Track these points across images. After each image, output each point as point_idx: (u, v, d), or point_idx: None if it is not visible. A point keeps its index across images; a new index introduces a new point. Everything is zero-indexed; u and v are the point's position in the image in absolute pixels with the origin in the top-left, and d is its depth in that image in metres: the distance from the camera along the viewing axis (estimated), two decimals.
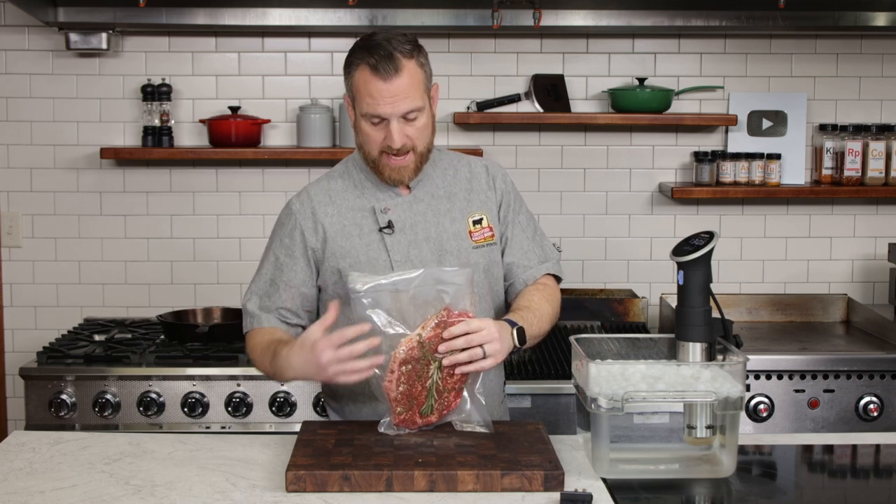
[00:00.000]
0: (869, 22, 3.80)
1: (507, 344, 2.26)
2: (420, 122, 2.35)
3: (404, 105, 2.31)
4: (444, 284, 2.21)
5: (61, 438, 2.36)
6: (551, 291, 2.52)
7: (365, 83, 2.31)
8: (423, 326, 2.18)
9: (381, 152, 2.36)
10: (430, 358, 2.19)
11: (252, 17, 3.76)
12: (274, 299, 2.42)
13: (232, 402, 3.28)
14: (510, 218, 2.53)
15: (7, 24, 3.84)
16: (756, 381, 3.34)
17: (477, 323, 2.19)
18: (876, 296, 4.04)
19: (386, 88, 2.30)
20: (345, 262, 2.40)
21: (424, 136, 2.38)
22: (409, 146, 2.35)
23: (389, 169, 2.38)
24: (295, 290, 2.42)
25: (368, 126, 2.35)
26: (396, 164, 2.37)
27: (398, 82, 2.30)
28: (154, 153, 3.78)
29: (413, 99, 2.32)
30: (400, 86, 2.30)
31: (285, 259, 2.43)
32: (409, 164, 2.38)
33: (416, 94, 2.32)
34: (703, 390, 2.11)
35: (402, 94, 2.30)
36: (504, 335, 2.25)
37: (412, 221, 2.43)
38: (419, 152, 2.38)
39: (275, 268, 2.44)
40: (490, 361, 2.21)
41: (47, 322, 3.93)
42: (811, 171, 3.99)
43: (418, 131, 2.35)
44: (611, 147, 3.97)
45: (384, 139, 2.34)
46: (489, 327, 2.20)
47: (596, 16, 3.78)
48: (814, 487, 2.24)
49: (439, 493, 2.02)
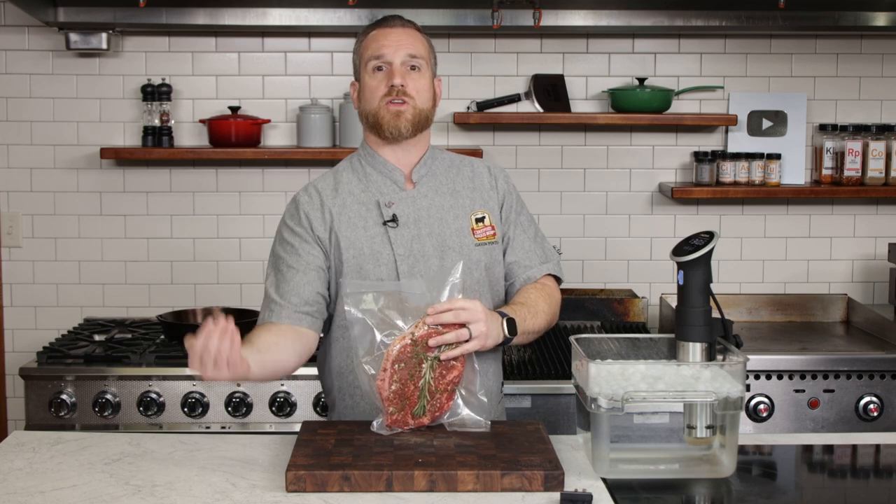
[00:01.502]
0: (869, 22, 3.80)
1: (494, 330, 2.28)
2: (421, 79, 2.44)
3: (407, 49, 2.42)
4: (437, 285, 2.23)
5: (61, 438, 2.36)
6: (550, 291, 2.53)
7: (373, 36, 2.46)
8: (416, 325, 2.20)
9: (381, 100, 2.41)
10: (422, 357, 2.19)
11: (252, 17, 3.76)
12: (293, 283, 2.39)
13: (232, 402, 3.28)
14: (512, 218, 2.54)
15: (7, 24, 3.84)
16: (756, 381, 3.34)
17: (462, 301, 2.21)
18: (876, 296, 4.04)
19: (391, 33, 2.44)
20: (349, 253, 2.41)
21: (424, 94, 2.44)
22: (410, 94, 2.41)
23: (389, 114, 2.41)
24: (313, 273, 2.40)
25: (371, 77, 2.44)
26: (395, 108, 2.41)
27: (404, 31, 2.45)
28: (154, 153, 3.78)
29: (416, 47, 2.44)
30: (405, 34, 2.45)
31: (300, 243, 2.43)
32: (407, 112, 2.42)
33: (420, 48, 2.45)
34: (703, 390, 2.11)
35: (406, 40, 2.43)
36: (492, 320, 2.27)
37: (416, 216, 2.44)
38: (418, 108, 2.43)
39: (290, 254, 2.43)
40: (474, 343, 2.22)
41: (47, 322, 3.93)
42: (811, 171, 3.99)
43: (419, 85, 2.43)
44: (611, 147, 3.97)
45: (386, 84, 2.41)
46: (475, 307, 2.22)
47: (596, 16, 3.78)
48: (814, 487, 2.24)
49: (439, 493, 2.02)
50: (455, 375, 2.24)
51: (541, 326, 2.46)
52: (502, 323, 2.31)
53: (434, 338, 2.19)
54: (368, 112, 2.45)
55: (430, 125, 2.49)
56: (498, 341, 2.30)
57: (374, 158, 2.48)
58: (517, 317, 2.35)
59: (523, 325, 2.37)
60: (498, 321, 2.30)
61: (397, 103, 2.40)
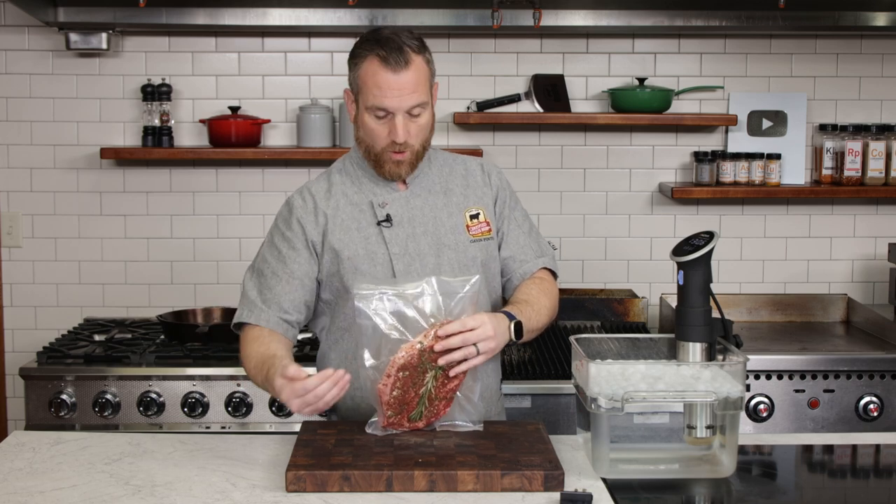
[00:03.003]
0: (869, 22, 3.80)
1: (502, 339, 2.27)
2: (423, 119, 2.38)
3: (411, 99, 2.33)
4: (449, 296, 2.21)
5: (61, 438, 2.36)
6: (548, 286, 2.53)
7: (373, 74, 2.33)
8: (424, 335, 2.18)
9: (384, 147, 2.38)
10: (427, 366, 2.18)
11: (252, 17, 3.76)
12: (276, 291, 2.41)
13: (232, 402, 3.28)
14: (506, 214, 2.54)
15: (7, 24, 3.84)
16: (756, 381, 3.34)
17: (472, 322, 2.20)
18: (876, 296, 4.04)
19: (395, 80, 2.32)
20: (343, 255, 2.41)
21: (424, 133, 2.41)
22: (410, 143, 2.37)
23: (391, 164, 2.40)
24: (297, 283, 2.42)
25: (372, 120, 2.37)
26: (396, 159, 2.39)
27: (406, 76, 2.32)
28: (154, 153, 3.78)
29: (419, 94, 2.34)
30: (408, 80, 2.32)
31: (288, 251, 2.43)
32: (407, 160, 2.40)
33: (422, 89, 2.35)
34: (703, 390, 2.11)
35: (409, 88, 2.33)
36: (500, 330, 2.26)
37: (410, 216, 2.44)
38: (416, 150, 2.40)
39: (277, 260, 2.43)
40: (482, 358, 2.22)
41: (47, 322, 3.93)
42: (811, 171, 3.99)
43: (420, 129, 2.38)
44: (611, 147, 3.97)
45: (388, 134, 2.35)
46: (484, 325, 2.20)
47: (596, 16, 3.78)
48: (814, 487, 2.24)
49: (439, 493, 2.02)
50: (456, 384, 2.24)
51: (543, 323, 2.46)
52: (510, 326, 2.30)
53: (443, 357, 2.18)
54: (369, 149, 2.41)
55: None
56: (504, 344, 2.30)
57: (366, 162, 2.47)
58: (523, 318, 2.35)
59: (528, 324, 2.37)
60: (505, 325, 2.29)
61: (399, 155, 2.38)
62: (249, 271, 2.49)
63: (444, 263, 2.42)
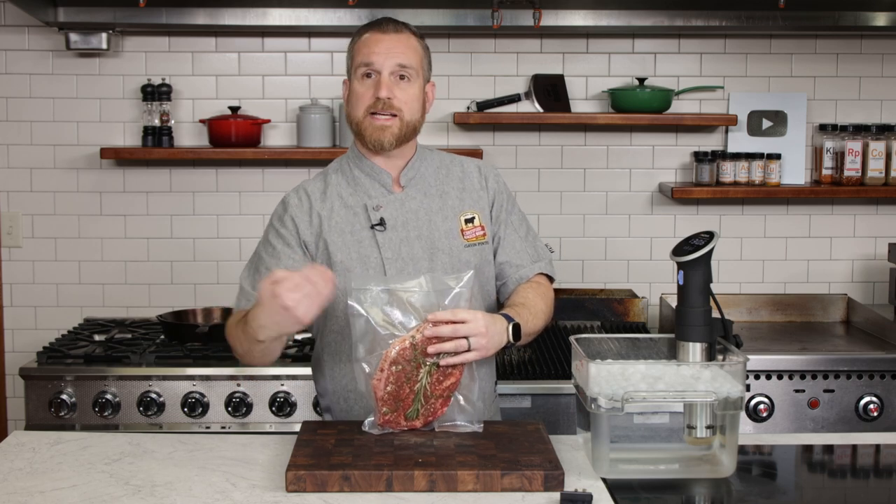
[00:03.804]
0: (869, 22, 3.80)
1: (496, 339, 2.25)
2: (412, 89, 2.39)
3: (398, 58, 2.37)
4: (442, 292, 2.20)
5: (61, 438, 2.36)
6: (545, 290, 2.52)
7: (365, 41, 2.41)
8: (417, 329, 2.18)
9: (367, 112, 2.38)
10: (420, 361, 2.18)
11: (252, 17, 3.76)
12: None
13: (232, 402, 3.28)
14: (502, 218, 2.53)
15: (7, 24, 3.85)
16: (756, 381, 3.34)
17: (463, 314, 2.18)
18: (876, 296, 4.04)
19: (383, 39, 2.38)
20: (336, 258, 2.40)
21: (412, 106, 2.40)
22: (396, 107, 2.37)
23: (372, 128, 2.39)
24: None
25: (359, 83, 2.40)
26: (380, 123, 2.38)
27: (396, 38, 2.39)
28: (154, 153, 3.78)
29: (407, 56, 2.38)
30: (397, 41, 2.39)
31: (282, 248, 2.43)
32: (393, 126, 2.39)
33: (411, 56, 2.39)
34: (703, 390, 2.11)
35: (397, 48, 2.38)
36: (495, 330, 2.23)
37: (404, 219, 2.43)
38: (405, 121, 2.39)
39: (271, 256, 2.43)
40: (473, 355, 2.19)
41: (47, 322, 3.93)
42: (811, 171, 3.99)
43: (407, 96, 2.39)
44: (611, 147, 3.97)
45: (373, 94, 2.37)
46: (477, 321, 2.19)
47: (596, 16, 3.78)
48: (814, 487, 2.24)
49: (439, 493, 2.02)
50: (452, 382, 2.23)
51: (539, 327, 2.45)
52: (507, 328, 2.29)
53: (433, 345, 2.18)
54: (352, 120, 2.43)
55: (417, 134, 2.47)
56: (500, 347, 2.28)
57: (362, 161, 2.47)
58: (521, 321, 2.34)
59: (526, 327, 2.36)
60: (502, 327, 2.28)
61: (383, 117, 2.38)
62: (245, 268, 2.49)
63: (437, 267, 2.41)
